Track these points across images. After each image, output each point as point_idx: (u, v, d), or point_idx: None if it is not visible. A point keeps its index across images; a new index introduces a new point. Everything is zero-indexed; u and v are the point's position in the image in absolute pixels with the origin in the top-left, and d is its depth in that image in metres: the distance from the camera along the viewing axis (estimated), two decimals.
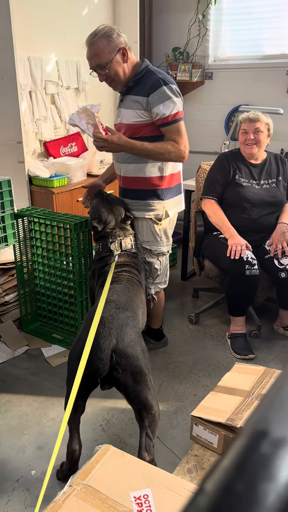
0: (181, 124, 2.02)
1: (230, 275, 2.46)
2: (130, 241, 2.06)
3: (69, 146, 3.42)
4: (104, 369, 1.44)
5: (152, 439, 1.54)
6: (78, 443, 1.63)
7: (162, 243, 2.24)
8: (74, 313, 2.54)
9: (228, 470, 0.23)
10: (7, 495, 1.64)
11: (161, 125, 2.01)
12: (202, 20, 3.87)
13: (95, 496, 1.00)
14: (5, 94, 2.82)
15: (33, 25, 2.99)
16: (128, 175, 2.15)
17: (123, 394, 1.54)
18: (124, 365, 1.46)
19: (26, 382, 2.27)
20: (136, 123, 2.04)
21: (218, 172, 2.64)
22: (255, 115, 2.55)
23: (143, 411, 1.52)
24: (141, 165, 2.09)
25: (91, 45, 1.96)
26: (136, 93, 2.03)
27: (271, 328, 2.78)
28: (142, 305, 1.83)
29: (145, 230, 2.20)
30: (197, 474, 1.52)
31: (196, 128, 4.12)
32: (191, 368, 2.39)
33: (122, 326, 1.50)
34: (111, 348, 1.45)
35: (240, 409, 1.64)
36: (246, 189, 2.59)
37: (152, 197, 2.15)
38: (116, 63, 1.98)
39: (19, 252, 2.57)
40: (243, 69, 3.86)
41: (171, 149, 1.99)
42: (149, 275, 2.27)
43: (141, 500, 0.98)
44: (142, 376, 1.49)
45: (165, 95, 1.96)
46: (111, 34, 1.94)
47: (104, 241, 2.04)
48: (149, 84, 1.98)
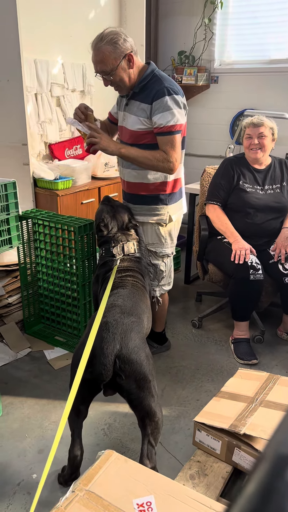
0: (177, 137, 1.99)
1: (234, 279, 2.45)
2: (133, 245, 2.05)
3: (74, 148, 3.42)
4: (107, 375, 1.42)
5: (154, 447, 1.53)
6: (80, 449, 1.61)
7: (167, 245, 2.24)
8: (77, 316, 2.54)
9: (253, 499, 0.22)
10: (8, 498, 1.63)
11: (157, 134, 2.00)
12: (208, 24, 3.87)
13: (98, 503, 0.99)
14: (11, 97, 2.82)
15: (39, 28, 3.00)
16: (132, 180, 2.15)
17: (126, 400, 1.52)
18: (127, 371, 1.44)
19: (28, 385, 2.26)
20: (139, 130, 2.04)
21: (222, 178, 2.64)
22: (259, 119, 2.54)
23: (146, 418, 1.50)
24: (145, 170, 2.09)
25: (96, 51, 1.93)
26: (142, 100, 2.01)
27: (274, 333, 2.77)
28: (147, 310, 1.81)
29: (150, 232, 2.20)
30: (199, 480, 1.51)
31: (201, 132, 4.12)
32: (194, 372, 2.38)
33: (126, 331, 1.49)
34: (115, 354, 1.43)
35: (243, 415, 1.62)
36: (250, 194, 2.58)
37: (156, 202, 2.15)
38: (121, 69, 1.95)
39: (23, 254, 2.57)
40: (249, 73, 3.85)
41: (160, 158, 1.98)
42: (155, 277, 2.27)
43: (144, 507, 0.97)
44: (146, 382, 1.47)
45: (166, 105, 1.93)
46: (117, 40, 1.90)
47: (107, 246, 2.04)
48: (154, 92, 1.97)
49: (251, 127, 2.55)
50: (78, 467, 1.62)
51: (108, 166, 3.38)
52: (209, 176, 2.89)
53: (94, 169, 3.34)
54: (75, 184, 3.08)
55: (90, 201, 3.14)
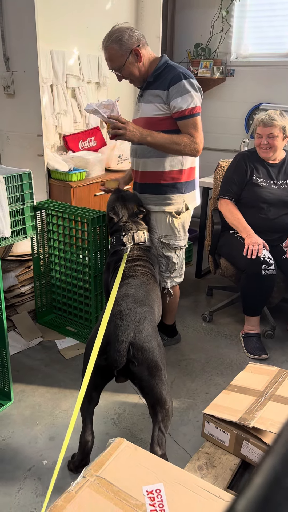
0: (198, 119, 2.03)
1: (246, 274, 2.45)
2: (143, 234, 2.09)
3: (88, 140, 3.42)
4: (121, 362, 1.45)
5: (165, 434, 1.55)
6: (91, 434, 1.65)
7: (180, 237, 2.25)
8: (88, 307, 2.56)
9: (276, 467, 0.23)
10: (19, 483, 1.66)
11: (178, 119, 2.02)
12: (226, 16, 3.83)
13: (108, 488, 1.01)
14: (27, 87, 2.84)
15: (56, 19, 2.99)
16: (148, 169, 2.16)
17: (137, 388, 1.56)
18: (140, 358, 1.47)
19: (40, 373, 2.30)
20: (156, 116, 2.06)
21: (235, 173, 2.63)
22: (270, 118, 2.50)
23: (156, 405, 1.53)
24: (162, 158, 2.10)
25: (105, 50, 2.06)
26: (156, 87, 2.05)
27: (285, 329, 2.76)
28: (158, 300, 1.85)
29: (164, 224, 2.21)
30: (207, 471, 1.52)
31: (216, 125, 4.09)
32: (203, 366, 2.39)
33: (139, 320, 1.52)
34: (129, 341, 1.46)
35: (253, 408, 1.63)
36: (263, 189, 2.57)
37: (173, 190, 2.16)
38: (129, 64, 2.04)
39: (37, 244, 2.60)
40: (266, 67, 3.81)
41: (187, 141, 2.01)
42: (166, 268, 2.28)
43: (154, 495, 0.98)
44: (158, 370, 1.50)
45: (184, 88, 1.97)
46: (121, 38, 1.99)
47: (117, 234, 2.09)
48: (170, 78, 2.01)
49: (261, 126, 2.52)
50: (88, 453, 1.65)
51: (121, 159, 3.38)
52: (223, 170, 2.87)
53: (108, 161, 3.34)
54: (88, 176, 3.09)
55: (103, 193, 3.15)
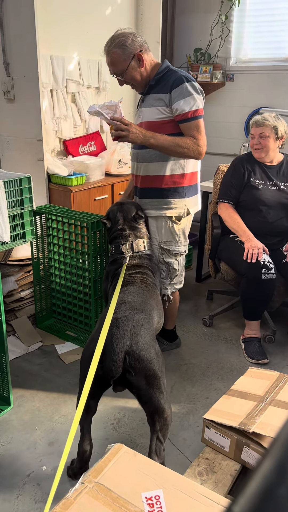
0: (201, 121, 2.03)
1: (246, 278, 2.44)
2: (143, 242, 2.04)
3: (88, 145, 3.43)
4: (117, 371, 1.43)
5: (163, 443, 1.53)
6: (89, 444, 1.62)
7: (181, 243, 2.24)
8: (88, 311, 2.56)
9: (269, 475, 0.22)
10: (18, 489, 1.65)
11: (181, 121, 2.02)
12: (225, 22, 3.85)
13: (107, 495, 1.00)
14: (27, 92, 2.85)
15: (56, 24, 3.01)
16: (149, 173, 2.16)
17: (135, 396, 1.53)
18: (137, 368, 1.44)
19: (39, 378, 2.29)
20: (159, 119, 2.05)
21: (233, 176, 2.64)
22: (262, 119, 2.52)
23: (155, 414, 1.50)
24: (163, 162, 2.10)
25: (107, 54, 2.06)
26: (158, 91, 2.06)
27: (286, 333, 2.75)
28: (157, 307, 1.81)
29: (164, 230, 2.20)
30: (207, 477, 1.51)
31: (216, 130, 4.10)
32: (203, 370, 2.38)
33: (136, 328, 1.49)
34: (125, 350, 1.43)
35: (253, 414, 1.62)
36: (262, 191, 2.57)
37: (174, 194, 2.15)
38: (131, 69, 2.04)
39: (36, 249, 2.60)
40: (265, 71, 3.82)
41: (190, 144, 2.00)
42: (167, 275, 2.27)
43: (153, 501, 0.98)
44: (156, 379, 1.47)
45: (187, 91, 1.98)
46: (124, 42, 2.00)
47: (116, 243, 2.05)
48: (171, 81, 2.01)
49: (254, 126, 2.55)
50: (87, 461, 1.64)
51: (121, 163, 3.39)
52: (223, 175, 2.87)
53: (108, 165, 3.35)
54: (88, 180, 3.10)
55: (103, 197, 3.15)
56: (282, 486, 0.21)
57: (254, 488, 0.23)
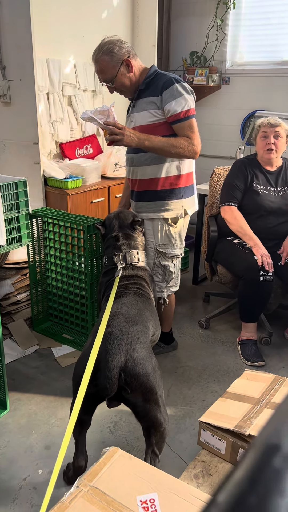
0: (193, 120, 2.04)
1: (244, 280, 2.45)
2: (137, 254, 1.96)
3: (85, 148, 3.44)
4: (112, 389, 1.35)
5: (158, 456, 1.48)
6: (83, 459, 1.60)
7: (177, 246, 2.25)
8: (85, 314, 2.56)
9: (241, 483, 0.23)
10: (14, 493, 1.65)
11: (173, 122, 2.02)
12: (221, 25, 3.87)
13: (102, 499, 1.00)
14: (23, 96, 2.85)
15: (52, 27, 3.02)
16: (146, 177, 2.16)
17: (131, 411, 1.47)
18: (133, 385, 1.37)
19: (36, 381, 2.29)
20: (151, 122, 2.06)
21: (237, 179, 2.63)
22: (276, 120, 2.54)
23: (151, 428, 1.46)
24: (159, 165, 2.11)
25: (96, 62, 2.06)
26: (149, 94, 2.07)
27: (282, 335, 2.76)
28: (152, 318, 1.74)
29: (160, 233, 2.20)
30: (203, 480, 1.51)
31: (212, 133, 4.11)
32: (200, 373, 2.39)
33: (132, 342, 1.42)
34: (120, 367, 1.36)
35: (249, 416, 1.63)
36: (263, 197, 2.58)
37: (171, 196, 2.16)
38: (121, 75, 2.05)
39: (33, 252, 2.60)
40: (261, 75, 3.84)
41: (185, 143, 2.00)
42: (163, 278, 2.27)
43: (148, 504, 0.98)
44: (152, 395, 1.41)
45: (177, 92, 1.99)
46: (112, 49, 2.01)
47: (109, 254, 1.99)
48: (161, 83, 2.02)
49: (268, 126, 2.54)
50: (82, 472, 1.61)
51: (118, 166, 3.40)
52: (218, 177, 2.88)
53: (104, 168, 3.36)
54: (85, 183, 3.10)
55: (99, 200, 3.16)
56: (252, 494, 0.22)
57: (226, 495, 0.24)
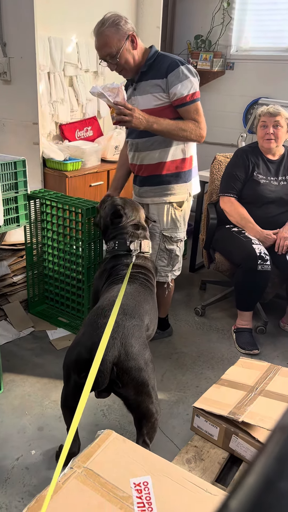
0: (199, 104, 2.01)
1: (241, 269, 2.44)
2: (149, 244, 1.93)
3: (85, 130, 3.39)
4: (103, 383, 1.32)
5: (149, 445, 1.46)
6: (76, 445, 1.60)
7: (181, 229, 2.25)
8: (81, 298, 2.55)
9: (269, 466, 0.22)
10: (7, 472, 1.66)
11: (179, 106, 1.99)
12: (227, 8, 3.79)
13: (95, 480, 1.00)
14: (24, 74, 2.79)
15: (55, 5, 2.94)
16: (152, 162, 2.13)
17: (122, 401, 1.45)
18: (125, 379, 1.35)
19: (30, 363, 2.28)
20: (157, 106, 2.01)
21: (239, 169, 2.59)
22: (276, 109, 2.50)
23: (143, 419, 1.44)
24: (166, 149, 2.08)
25: (99, 35, 1.94)
26: (153, 77, 2.01)
27: (277, 324, 2.77)
28: (151, 312, 1.65)
29: (166, 217, 2.19)
30: (195, 464, 1.53)
31: (214, 119, 4.06)
32: (194, 359, 2.39)
33: (127, 337, 1.37)
34: (113, 361, 1.32)
35: (242, 403, 1.63)
36: (263, 186, 2.55)
37: (177, 180, 2.14)
38: (126, 50, 1.96)
39: (30, 234, 2.57)
40: (266, 61, 3.78)
41: (193, 127, 1.99)
42: (169, 262, 2.27)
43: (141, 487, 0.98)
44: (144, 387, 1.38)
45: (183, 74, 1.95)
46: (118, 22, 1.92)
47: (121, 239, 1.87)
48: (166, 66, 1.97)
49: (267, 115, 2.51)
50: (75, 456, 1.62)
51: (118, 149, 3.35)
52: (219, 164, 2.85)
53: (104, 152, 3.31)
54: (84, 166, 3.06)
55: (98, 183, 3.13)
56: (283, 478, 0.21)
57: (253, 481, 0.22)
